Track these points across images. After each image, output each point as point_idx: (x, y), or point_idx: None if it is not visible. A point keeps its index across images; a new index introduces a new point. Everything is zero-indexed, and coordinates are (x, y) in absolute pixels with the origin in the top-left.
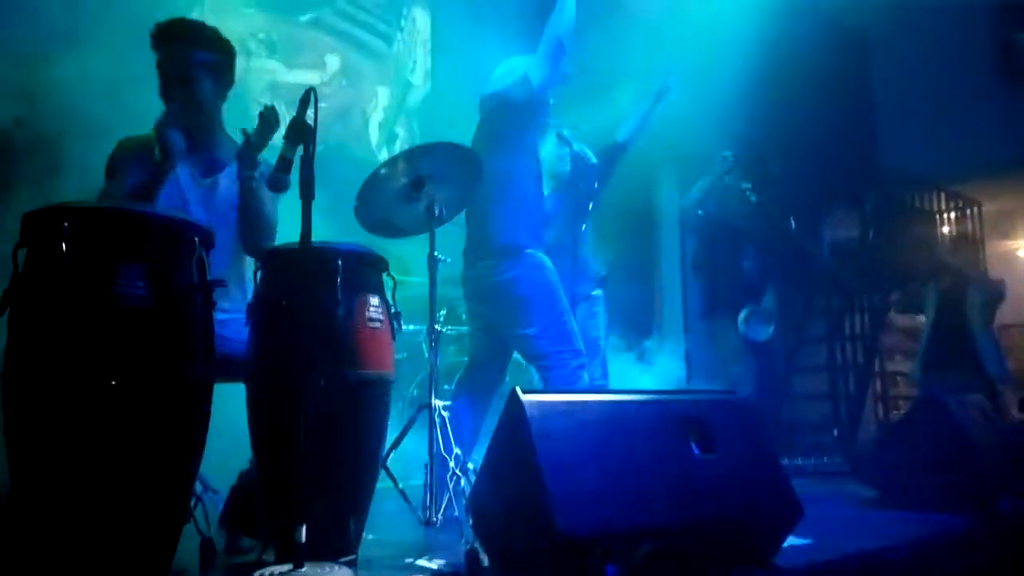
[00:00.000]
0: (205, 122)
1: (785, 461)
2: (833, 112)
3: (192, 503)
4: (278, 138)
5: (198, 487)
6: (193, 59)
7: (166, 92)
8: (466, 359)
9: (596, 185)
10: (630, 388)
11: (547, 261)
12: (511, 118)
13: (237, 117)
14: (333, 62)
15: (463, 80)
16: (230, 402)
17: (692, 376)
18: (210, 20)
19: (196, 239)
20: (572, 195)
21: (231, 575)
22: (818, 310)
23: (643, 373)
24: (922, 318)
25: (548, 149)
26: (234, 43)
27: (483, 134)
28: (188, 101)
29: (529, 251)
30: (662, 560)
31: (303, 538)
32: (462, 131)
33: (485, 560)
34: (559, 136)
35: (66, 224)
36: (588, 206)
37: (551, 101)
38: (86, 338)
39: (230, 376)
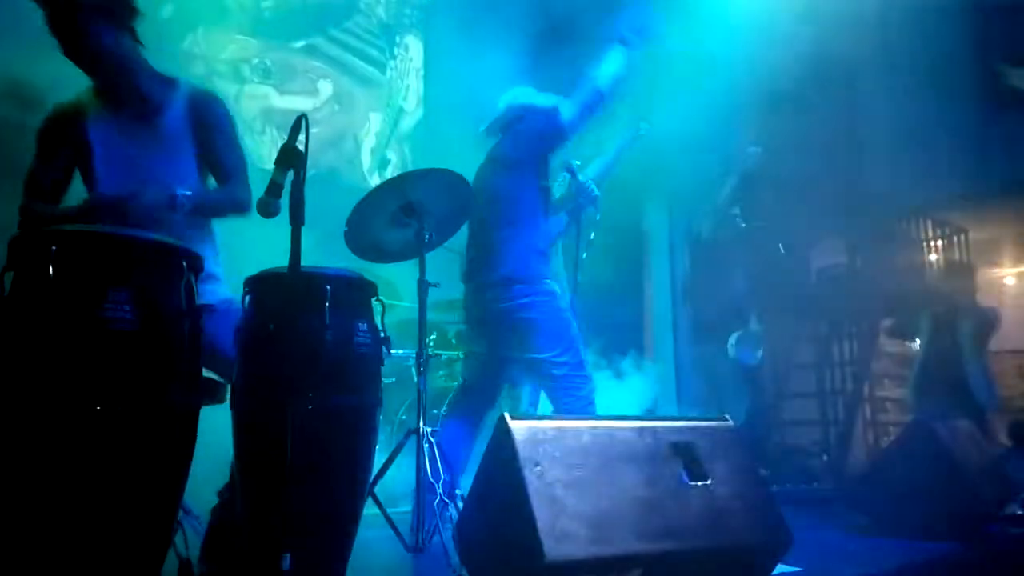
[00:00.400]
0: (119, 73)
1: (775, 487)
2: (820, 139)
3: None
4: (270, 163)
5: (179, 513)
6: (78, 7)
7: (66, 53)
8: (455, 384)
9: (598, 216)
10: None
11: (558, 288)
12: (532, 143)
13: None
14: (326, 88)
15: (455, 106)
16: (208, 423)
17: (682, 400)
18: (203, 46)
19: (184, 263)
20: (573, 224)
21: None
22: (807, 336)
23: (617, 391)
24: (913, 344)
25: (556, 179)
26: (228, 69)
27: (502, 153)
28: (88, 57)
29: (543, 279)
30: None
31: (288, 565)
32: (454, 157)
33: None
34: (568, 167)
35: (54, 248)
36: (590, 235)
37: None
38: (72, 362)
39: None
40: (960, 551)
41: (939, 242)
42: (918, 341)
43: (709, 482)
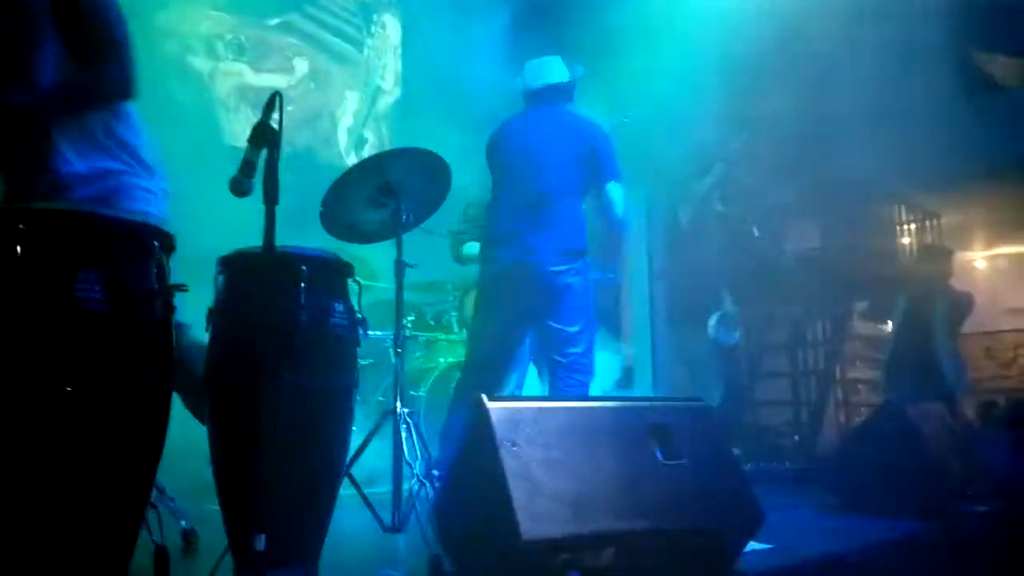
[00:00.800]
0: None
1: (747, 466)
2: (793, 123)
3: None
4: (244, 141)
5: (153, 494)
6: None
7: None
8: (433, 365)
9: None
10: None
11: None
12: (612, 159)
13: (204, 119)
14: (302, 66)
15: (434, 86)
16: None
17: (658, 383)
18: (176, 22)
19: (156, 244)
20: None
21: None
22: (780, 318)
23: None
24: (886, 327)
25: None
26: (202, 46)
27: (582, 130)
28: None
29: (587, 253)
30: (625, 565)
31: (263, 546)
32: (433, 136)
33: (449, 567)
34: None
35: (22, 226)
36: None
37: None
38: (42, 343)
39: None
40: (928, 529)
41: (912, 226)
42: (890, 324)
43: (683, 461)
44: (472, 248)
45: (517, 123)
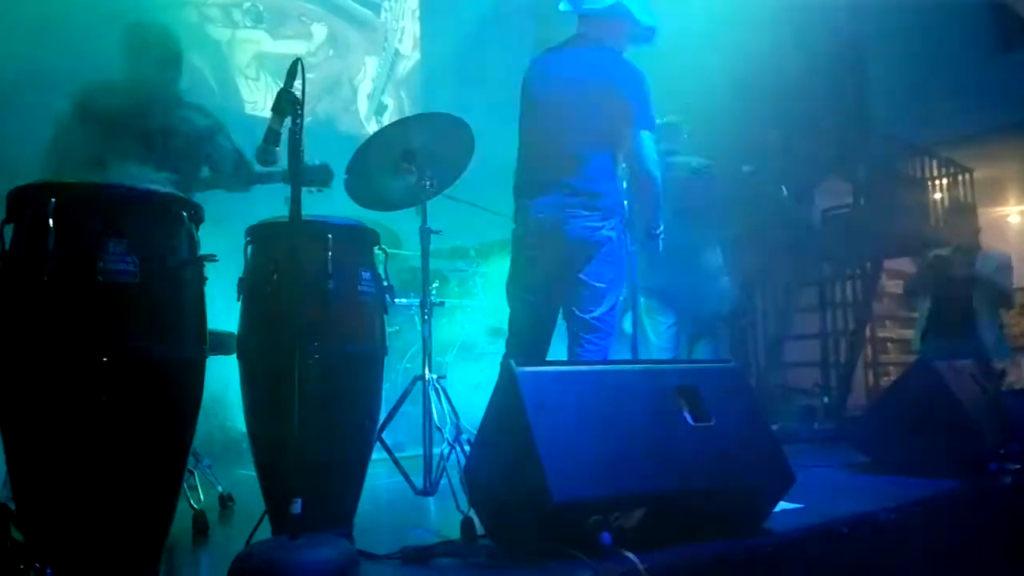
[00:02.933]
0: None
1: (776, 427)
2: (825, 79)
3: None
4: (266, 110)
5: (190, 461)
6: None
7: None
8: (460, 330)
9: None
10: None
11: None
12: (646, 101)
13: (223, 88)
14: (320, 32)
15: (453, 48)
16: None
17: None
18: None
19: (185, 214)
20: None
21: (225, 547)
22: (810, 278)
23: None
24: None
25: None
26: (219, 14)
27: (618, 68)
28: None
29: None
30: (656, 526)
31: (299, 510)
32: (453, 101)
33: (480, 529)
34: None
35: (53, 200)
36: None
37: None
38: (75, 315)
39: None
40: (959, 488)
41: (944, 181)
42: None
43: (712, 423)
44: None
45: (551, 60)
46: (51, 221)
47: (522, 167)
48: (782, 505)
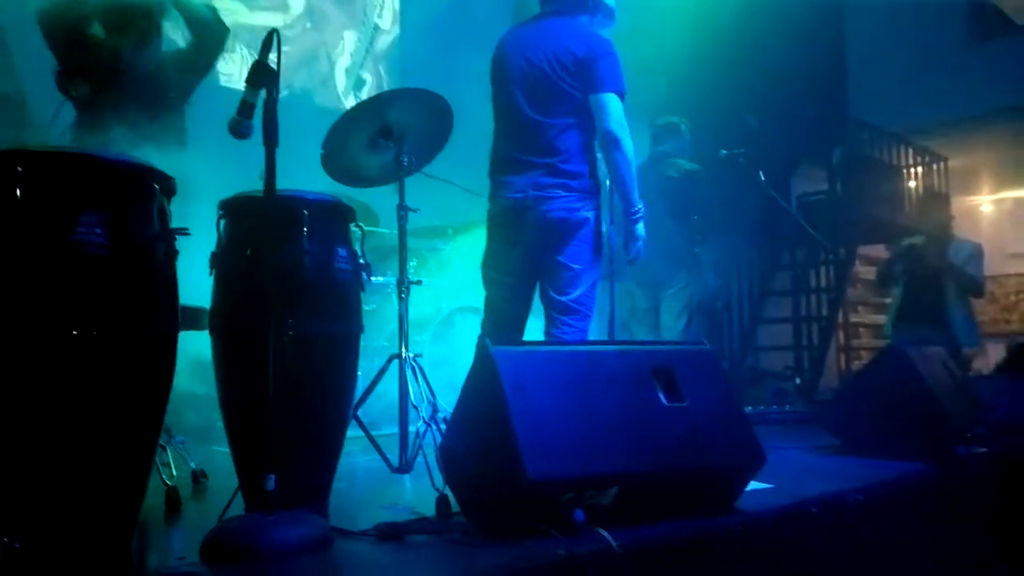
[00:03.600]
0: None
1: (749, 409)
2: (803, 65)
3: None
4: (241, 82)
5: (162, 437)
6: None
7: None
8: (438, 309)
9: None
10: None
11: None
12: (617, 73)
13: None
14: (297, 4)
15: (433, 24)
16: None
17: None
18: None
19: (157, 187)
20: None
21: (198, 523)
22: (784, 263)
23: None
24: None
25: None
26: None
27: (589, 38)
28: None
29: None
30: (629, 504)
31: (272, 486)
32: (432, 77)
33: (455, 506)
34: None
35: (20, 169)
36: None
37: None
38: (44, 287)
39: None
40: (927, 471)
41: (918, 170)
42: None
43: (686, 404)
44: None
45: (519, 36)
46: (18, 191)
47: (498, 145)
48: (753, 485)
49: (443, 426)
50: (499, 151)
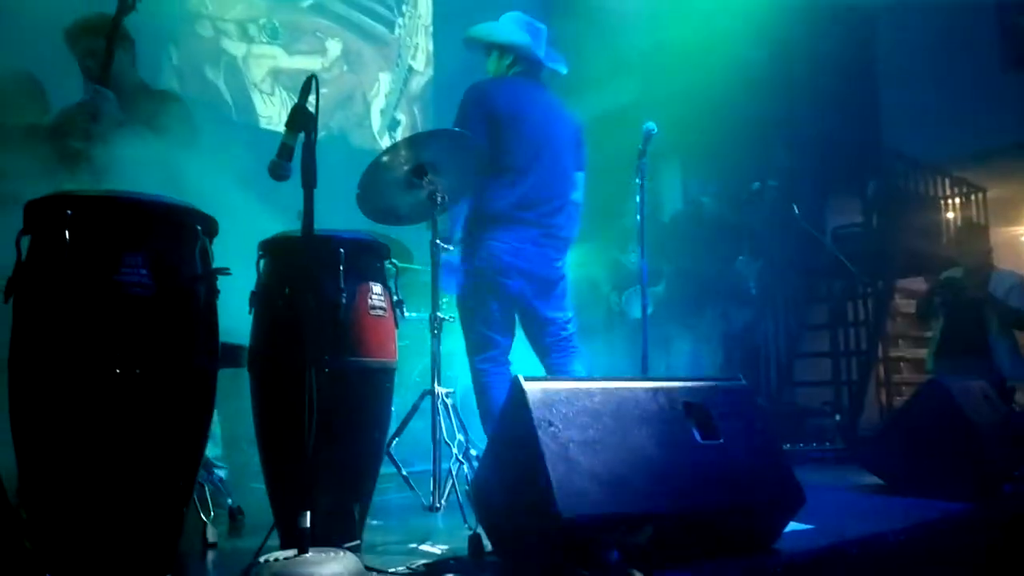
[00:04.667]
0: None
1: (787, 447)
2: (837, 97)
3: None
4: (281, 124)
5: (201, 473)
6: None
7: None
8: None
9: None
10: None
11: None
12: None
13: (239, 102)
14: (334, 47)
15: (466, 65)
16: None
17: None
18: (210, 6)
19: (199, 227)
20: None
21: (234, 560)
22: (821, 296)
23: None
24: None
25: None
26: (235, 29)
27: (582, 141)
28: None
29: None
30: (664, 544)
31: (308, 524)
32: None
33: (488, 545)
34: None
35: (69, 212)
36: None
37: None
38: (90, 326)
39: None
40: (973, 510)
41: (956, 200)
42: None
43: (721, 441)
44: None
45: (530, 92)
46: (67, 233)
47: (499, 197)
48: (792, 525)
49: (475, 463)
50: (501, 203)
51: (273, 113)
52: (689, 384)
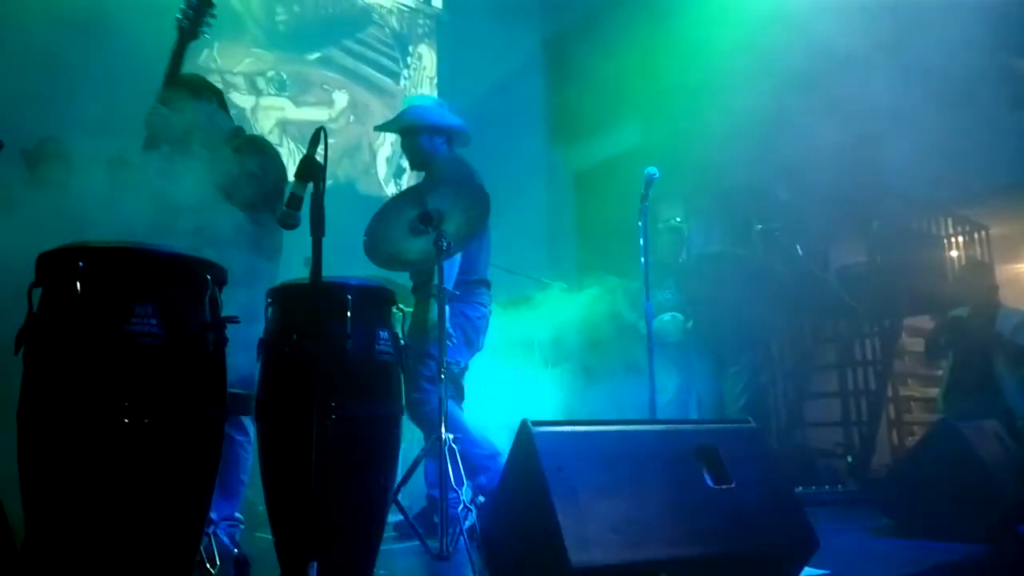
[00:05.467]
0: None
1: (799, 489)
2: (837, 137)
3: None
4: (289, 175)
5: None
6: None
7: None
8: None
9: None
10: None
11: None
12: None
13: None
14: (341, 99)
15: (469, 115)
16: None
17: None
18: (219, 60)
19: (208, 277)
20: None
21: None
22: (827, 336)
23: None
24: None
25: None
26: (244, 82)
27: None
28: None
29: None
30: None
31: (315, 573)
32: (469, 162)
33: None
34: None
35: (81, 263)
36: None
37: None
38: (100, 376)
39: None
40: (988, 552)
41: (960, 239)
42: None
43: (733, 485)
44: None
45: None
46: (79, 284)
47: (486, 266)
48: (807, 571)
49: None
50: (486, 270)
51: None
52: (699, 427)
